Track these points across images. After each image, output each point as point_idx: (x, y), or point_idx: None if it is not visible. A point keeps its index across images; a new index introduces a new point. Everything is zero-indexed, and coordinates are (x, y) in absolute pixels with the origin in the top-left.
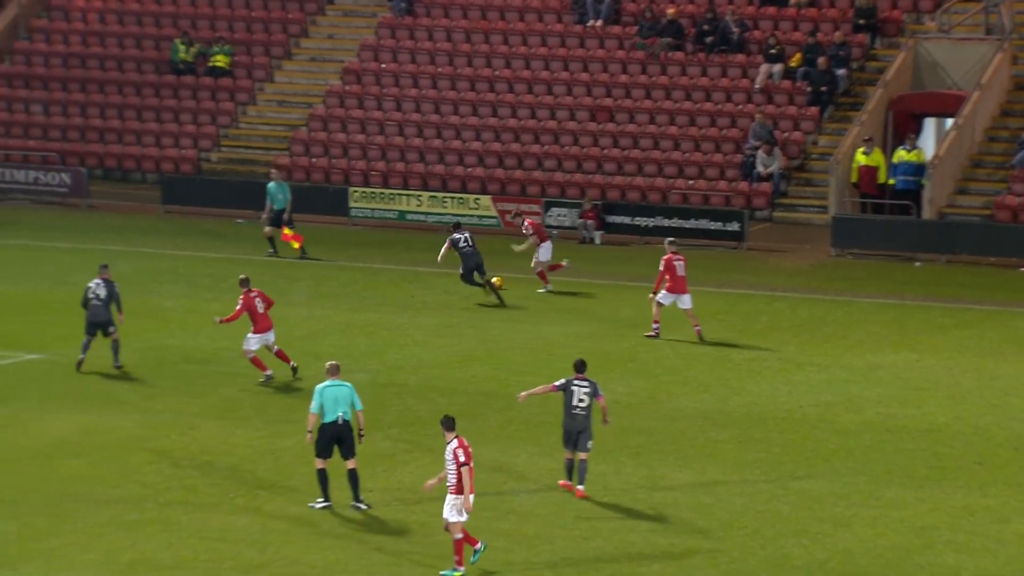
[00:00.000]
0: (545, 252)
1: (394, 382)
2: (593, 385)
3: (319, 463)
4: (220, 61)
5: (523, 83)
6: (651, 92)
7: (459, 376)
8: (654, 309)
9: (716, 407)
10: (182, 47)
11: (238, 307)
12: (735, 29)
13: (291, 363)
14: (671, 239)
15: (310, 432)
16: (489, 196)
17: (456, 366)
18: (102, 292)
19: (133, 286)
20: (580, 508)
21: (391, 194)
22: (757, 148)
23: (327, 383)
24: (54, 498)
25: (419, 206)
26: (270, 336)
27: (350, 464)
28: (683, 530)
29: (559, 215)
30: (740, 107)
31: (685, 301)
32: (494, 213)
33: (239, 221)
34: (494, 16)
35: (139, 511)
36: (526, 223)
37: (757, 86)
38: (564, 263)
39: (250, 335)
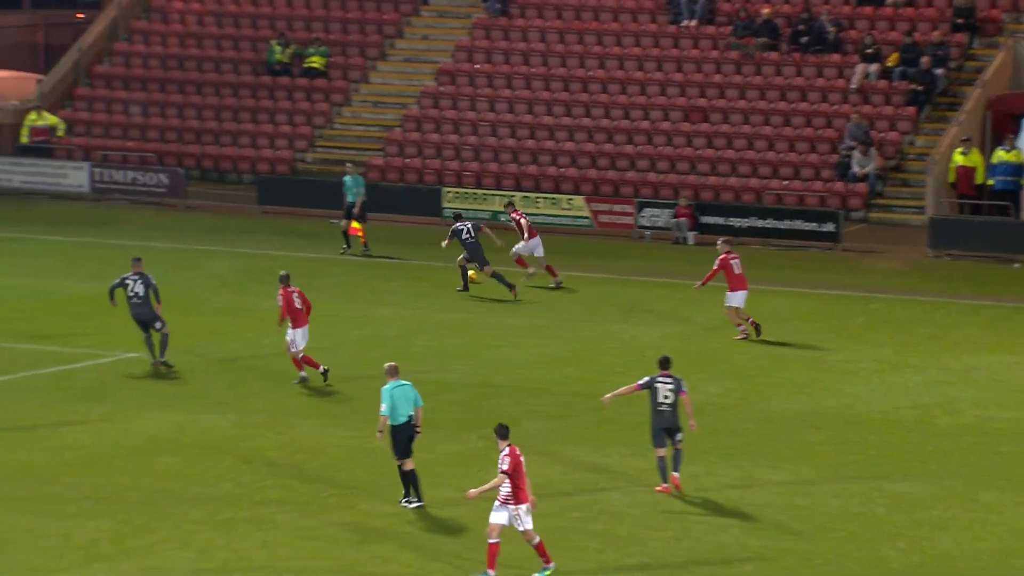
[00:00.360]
0: (536, 247)
1: (486, 382)
2: (677, 381)
3: (409, 464)
4: (316, 62)
5: (616, 83)
6: (745, 92)
7: (550, 377)
8: (729, 315)
9: (811, 408)
10: (278, 48)
11: (280, 303)
12: (831, 29)
13: (321, 367)
14: (725, 238)
15: (380, 432)
16: (582, 197)
17: (547, 367)
18: (140, 289)
19: (229, 286)
20: (672, 509)
21: (484, 194)
22: (853, 148)
23: (394, 384)
24: (150, 495)
25: None
26: (306, 333)
27: (407, 463)
28: (776, 532)
29: (652, 215)
30: (836, 107)
31: (739, 299)
32: (587, 214)
33: (333, 221)
34: (588, 16)
35: (234, 509)
36: (511, 215)
37: (853, 86)
38: (531, 270)
39: (290, 330)
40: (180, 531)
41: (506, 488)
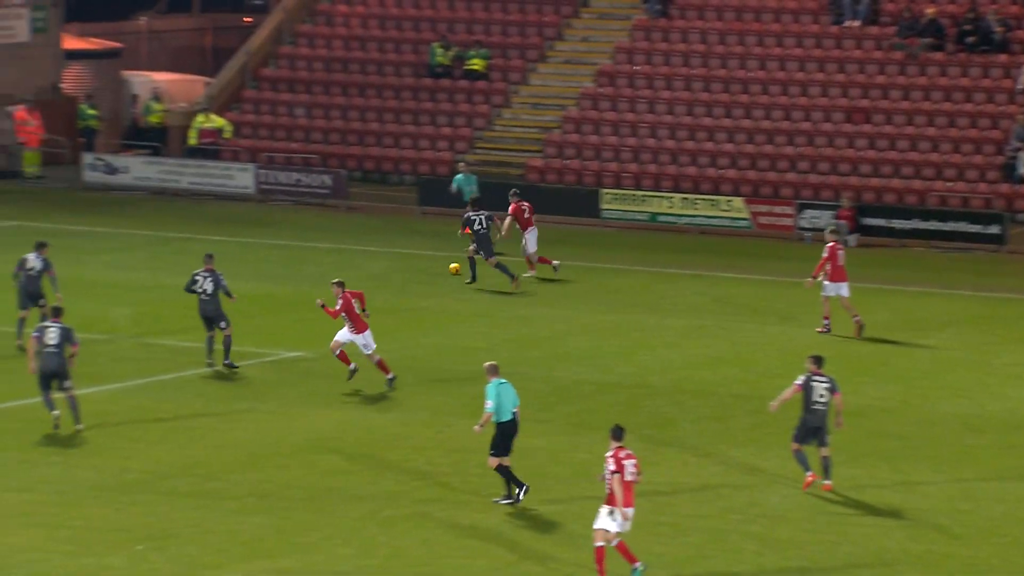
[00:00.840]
0: (531, 240)
1: (644, 384)
2: (831, 381)
3: (505, 461)
4: (476, 64)
5: (777, 84)
6: (909, 93)
7: (709, 378)
8: (824, 306)
9: (974, 412)
10: (440, 51)
11: (338, 306)
12: (997, 28)
13: (389, 374)
14: (833, 227)
15: (480, 427)
16: (741, 198)
17: (706, 368)
18: (209, 286)
19: (389, 286)
20: (832, 512)
21: (643, 196)
22: (1019, 150)
23: (498, 382)
24: (313, 493)
25: (671, 208)
26: (367, 338)
27: (508, 461)
28: (939, 536)
29: (812, 217)
30: (1001, 108)
31: (844, 289)
32: (746, 215)
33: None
34: (749, 17)
35: (395, 507)
36: (512, 206)
37: (1020, 87)
38: (555, 263)
39: (350, 335)
40: (341, 528)
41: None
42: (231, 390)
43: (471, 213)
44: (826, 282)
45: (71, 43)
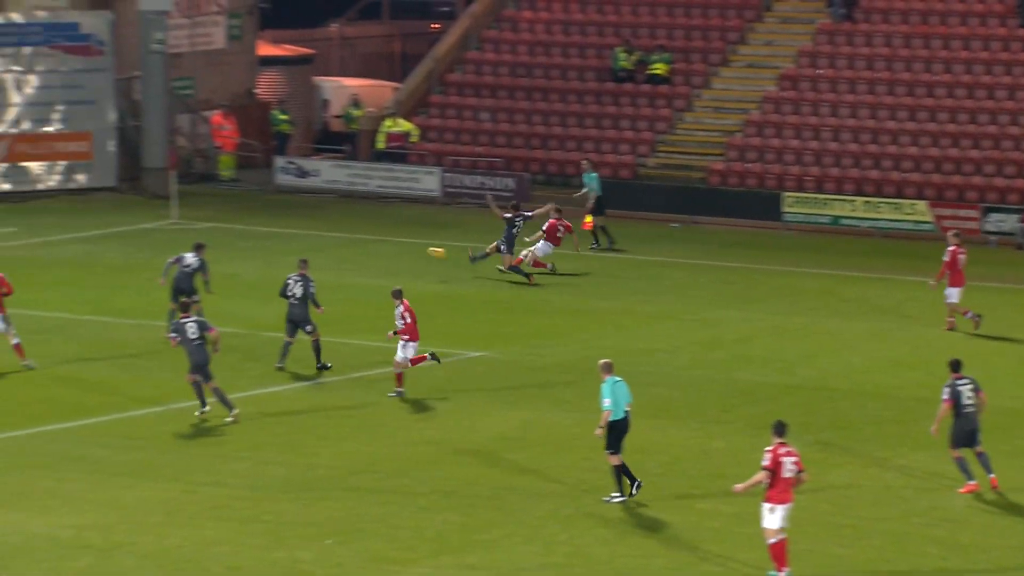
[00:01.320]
0: (542, 249)
1: (826, 387)
2: (974, 381)
3: (617, 459)
4: (659, 69)
5: (963, 88)
6: None
7: (890, 382)
8: (953, 309)
9: None
10: (623, 55)
11: (409, 319)
12: None
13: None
14: (955, 231)
15: (601, 428)
16: (925, 202)
17: (887, 371)
18: (298, 290)
19: (570, 287)
20: (1016, 516)
21: (825, 199)
22: None
23: (613, 380)
24: (496, 490)
25: (853, 211)
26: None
27: (615, 459)
28: None
29: (997, 220)
30: None
31: (956, 295)
32: (930, 219)
33: (673, 225)
34: (935, 21)
35: (576, 505)
36: (554, 221)
37: None
38: (549, 266)
39: (407, 343)
40: (525, 526)
41: (769, 485)
42: (418, 389)
43: (515, 216)
44: (948, 288)
45: (265, 50)
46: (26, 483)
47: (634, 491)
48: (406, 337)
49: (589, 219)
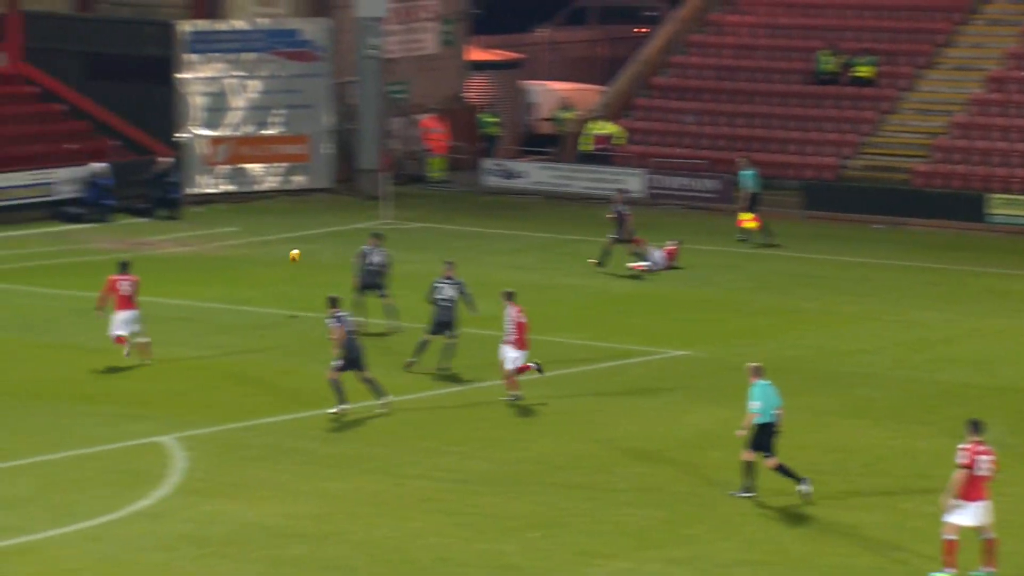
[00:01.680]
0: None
1: None
2: None
3: (774, 462)
4: (864, 71)
5: None
6: None
7: None
8: None
9: None
10: (827, 58)
11: (521, 321)
12: None
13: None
14: None
15: (743, 430)
16: None
17: None
18: (451, 292)
19: (772, 287)
20: None
21: None
22: None
23: (764, 383)
24: (698, 487)
25: None
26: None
27: (773, 462)
28: None
29: None
30: None
31: None
32: None
33: (876, 227)
34: None
35: (776, 502)
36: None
37: None
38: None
39: (510, 349)
40: (725, 522)
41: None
42: (621, 387)
43: (626, 209)
44: None
45: (475, 55)
46: (242, 474)
47: (804, 487)
48: (513, 342)
49: (746, 216)
